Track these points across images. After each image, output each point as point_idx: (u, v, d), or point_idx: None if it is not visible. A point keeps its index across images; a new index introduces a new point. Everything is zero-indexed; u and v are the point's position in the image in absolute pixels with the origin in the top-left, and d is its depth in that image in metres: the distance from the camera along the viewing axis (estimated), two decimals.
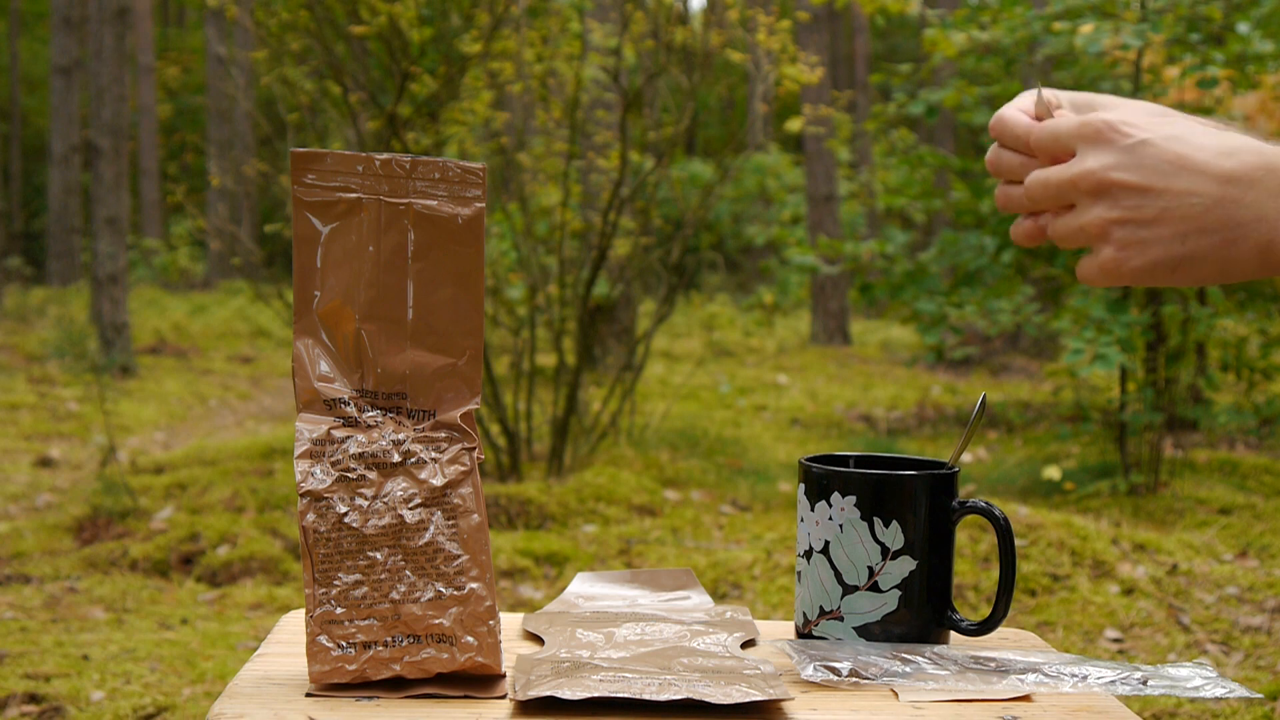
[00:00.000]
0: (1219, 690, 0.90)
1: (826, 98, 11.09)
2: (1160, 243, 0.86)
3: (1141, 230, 0.86)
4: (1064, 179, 0.89)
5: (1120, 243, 0.87)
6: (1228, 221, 0.84)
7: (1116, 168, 0.86)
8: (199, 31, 24.59)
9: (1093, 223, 0.87)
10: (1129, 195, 0.86)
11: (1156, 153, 0.86)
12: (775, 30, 5.86)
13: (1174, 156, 0.86)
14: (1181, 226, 0.85)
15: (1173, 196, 0.85)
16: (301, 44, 5.48)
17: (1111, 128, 0.87)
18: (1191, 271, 0.86)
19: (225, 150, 16.43)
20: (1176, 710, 2.96)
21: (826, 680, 0.93)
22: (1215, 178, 0.85)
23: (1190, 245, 0.85)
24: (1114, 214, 0.87)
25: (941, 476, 1.03)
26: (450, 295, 0.94)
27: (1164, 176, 0.86)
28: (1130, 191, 0.86)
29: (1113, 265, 0.88)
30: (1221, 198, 0.84)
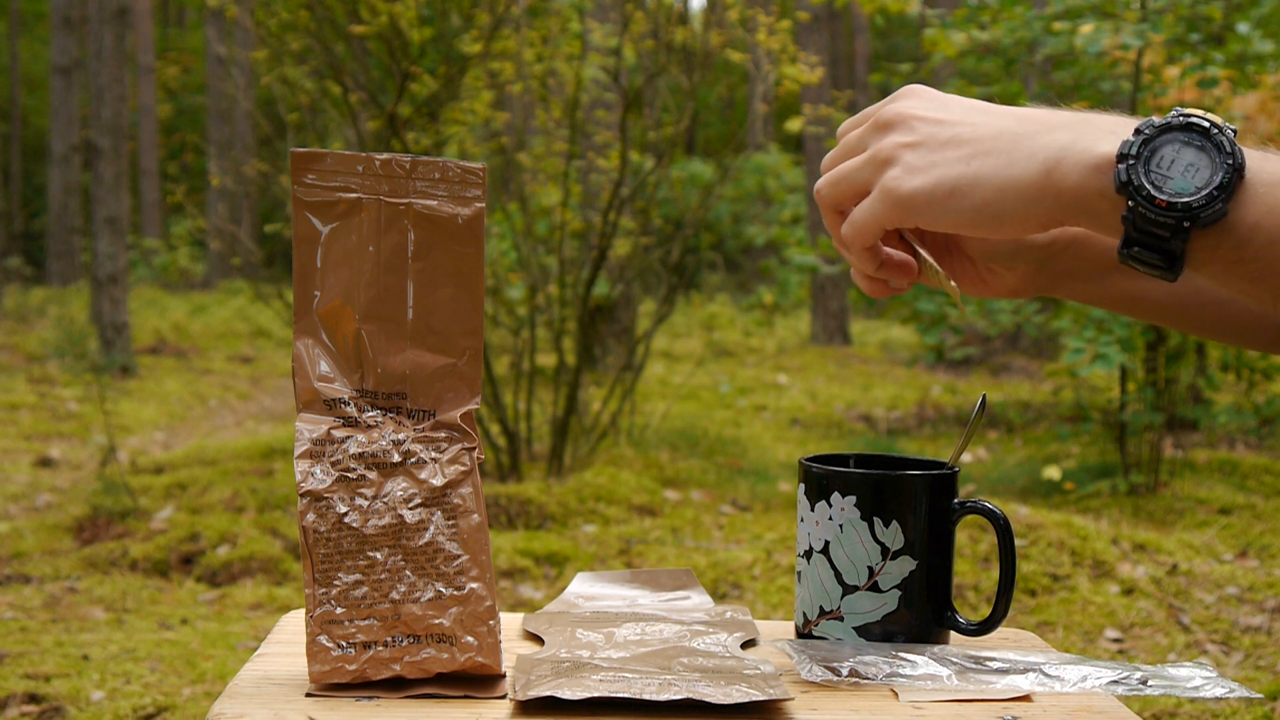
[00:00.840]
0: (1219, 690, 0.90)
1: (826, 98, 11.09)
2: (945, 164, 0.84)
3: (931, 153, 0.85)
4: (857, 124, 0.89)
5: (907, 165, 0.86)
6: (1015, 144, 0.83)
7: (918, 105, 0.87)
8: (199, 31, 24.59)
9: (883, 149, 0.86)
10: (926, 124, 0.86)
11: (955, 99, 0.87)
12: (775, 30, 5.86)
13: (970, 102, 0.87)
14: (969, 148, 0.84)
15: (966, 125, 0.85)
16: (301, 44, 5.48)
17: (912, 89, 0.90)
18: (970, 193, 0.83)
19: (225, 150, 16.43)
20: (1176, 710, 2.96)
21: (826, 680, 0.93)
22: (1008, 115, 0.85)
23: (974, 166, 0.84)
24: (906, 139, 0.86)
25: (941, 476, 1.03)
26: (450, 295, 0.95)
27: (961, 112, 0.86)
28: (927, 121, 0.86)
29: (892, 184, 0.86)
30: (1015, 125, 0.84)
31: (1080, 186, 0.81)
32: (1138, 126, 0.80)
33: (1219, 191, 0.78)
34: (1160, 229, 0.79)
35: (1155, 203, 0.78)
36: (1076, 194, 0.81)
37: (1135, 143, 0.79)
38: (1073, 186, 0.81)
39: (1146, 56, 5.44)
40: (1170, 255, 0.79)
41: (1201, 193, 0.78)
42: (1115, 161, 0.79)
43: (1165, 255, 0.80)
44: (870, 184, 0.87)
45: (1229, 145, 0.79)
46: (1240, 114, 5.85)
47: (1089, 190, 0.80)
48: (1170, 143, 0.79)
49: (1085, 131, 0.82)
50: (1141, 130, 0.80)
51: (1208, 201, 0.78)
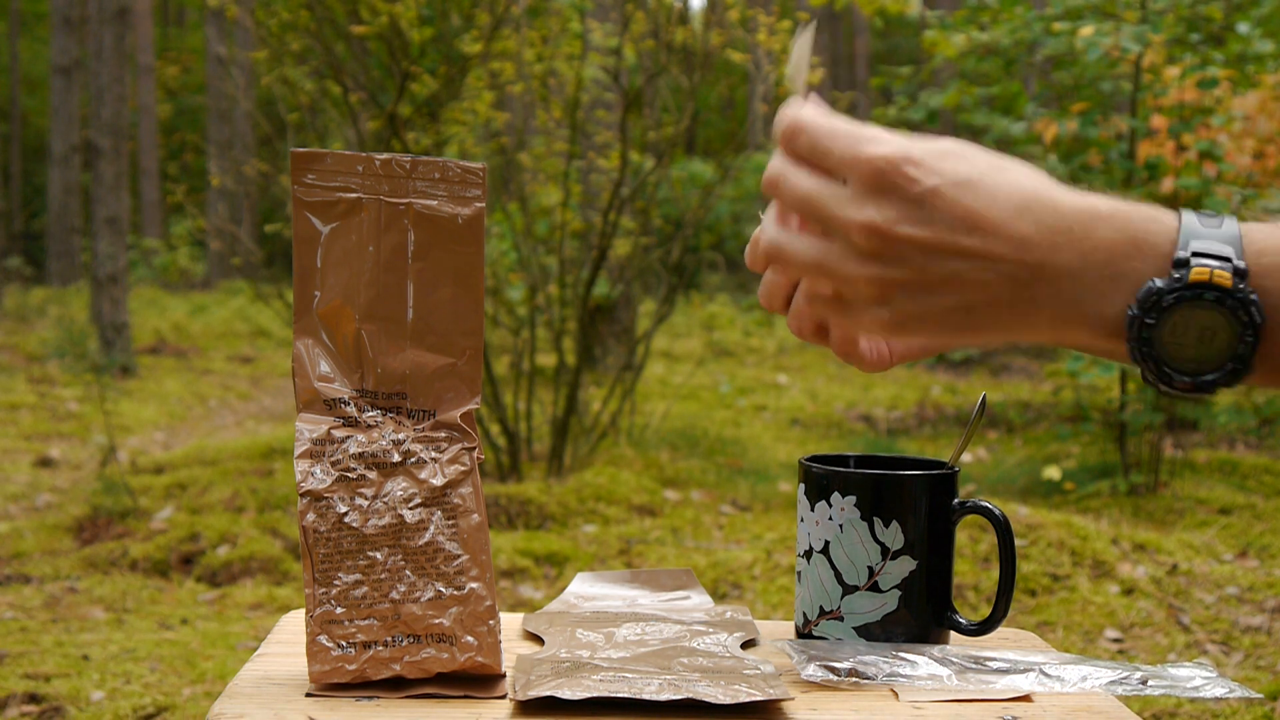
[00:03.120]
0: (1219, 690, 0.90)
1: (827, 98, 11.10)
2: (943, 312, 0.75)
3: (927, 297, 0.74)
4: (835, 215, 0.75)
5: (899, 308, 0.75)
6: (1019, 295, 0.74)
7: (902, 221, 0.73)
8: (199, 31, 24.59)
9: (866, 280, 0.74)
10: (916, 253, 0.73)
11: (945, 204, 0.73)
12: (775, 30, 5.86)
13: (963, 212, 0.73)
14: (969, 295, 0.74)
15: (963, 259, 0.73)
16: (302, 44, 5.49)
17: (896, 169, 0.74)
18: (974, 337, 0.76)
19: (225, 150, 16.43)
20: (1176, 710, 2.96)
21: (826, 680, 0.93)
22: (1010, 240, 0.73)
23: (976, 318, 0.75)
24: (898, 274, 0.74)
25: (941, 476, 1.03)
26: (450, 295, 0.95)
27: (954, 233, 0.73)
28: (917, 248, 0.73)
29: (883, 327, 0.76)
30: (1015, 266, 0.73)
31: (1090, 346, 0.77)
32: (1140, 297, 0.72)
33: (1239, 364, 0.73)
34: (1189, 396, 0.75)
35: (1175, 385, 0.74)
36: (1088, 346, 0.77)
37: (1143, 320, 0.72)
38: (1083, 345, 0.77)
39: (1146, 56, 5.44)
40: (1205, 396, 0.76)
41: (1225, 368, 0.73)
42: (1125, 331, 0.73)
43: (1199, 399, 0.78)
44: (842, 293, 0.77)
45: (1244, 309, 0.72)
46: (1240, 114, 5.85)
47: (1100, 349, 0.77)
48: (1179, 309, 0.72)
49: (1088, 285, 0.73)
50: (1146, 308, 0.72)
51: (1230, 376, 0.74)
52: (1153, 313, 0.72)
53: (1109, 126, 5.53)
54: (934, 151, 0.75)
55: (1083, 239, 0.74)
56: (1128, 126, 5.44)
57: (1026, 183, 0.76)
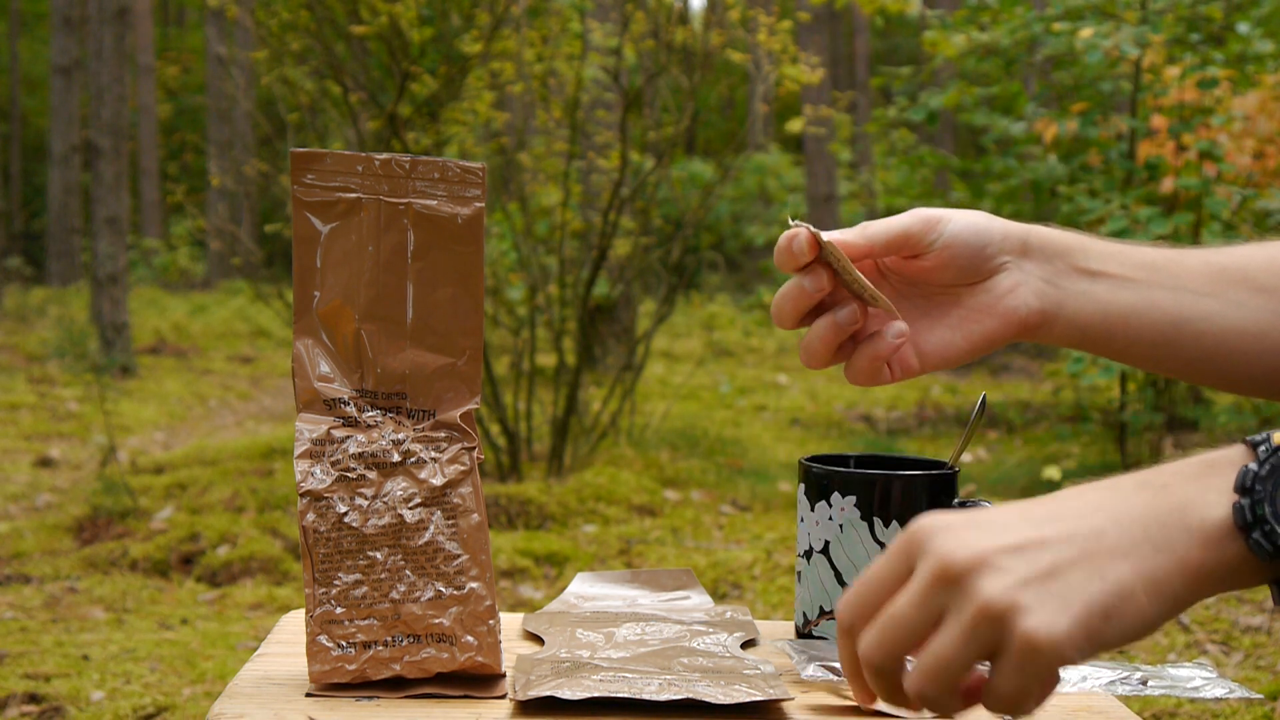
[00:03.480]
0: (1219, 690, 0.90)
1: (827, 98, 11.10)
2: (1076, 588, 0.64)
3: (1051, 582, 0.65)
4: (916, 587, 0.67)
5: (1035, 607, 0.64)
6: (1143, 527, 0.66)
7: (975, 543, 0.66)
8: (199, 31, 24.60)
9: (994, 600, 0.64)
10: (1009, 559, 0.65)
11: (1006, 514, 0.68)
12: (776, 30, 5.86)
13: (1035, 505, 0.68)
14: (1091, 558, 0.65)
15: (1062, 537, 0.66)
16: (301, 44, 5.49)
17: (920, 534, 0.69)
18: (1125, 613, 0.65)
19: (225, 150, 16.43)
20: (1176, 710, 2.96)
21: (826, 680, 0.93)
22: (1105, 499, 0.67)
23: (1111, 577, 0.65)
24: (1010, 579, 0.65)
25: (941, 476, 1.03)
26: (450, 295, 0.95)
27: (1039, 525, 0.67)
28: (1010, 553, 0.66)
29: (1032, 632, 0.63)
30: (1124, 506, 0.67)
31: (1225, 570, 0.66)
32: (1236, 482, 0.66)
33: None
34: None
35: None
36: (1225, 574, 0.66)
37: (1246, 504, 0.65)
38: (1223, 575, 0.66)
39: (1147, 56, 5.44)
40: None
41: None
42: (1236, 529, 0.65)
43: None
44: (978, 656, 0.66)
45: None
46: (1240, 114, 5.86)
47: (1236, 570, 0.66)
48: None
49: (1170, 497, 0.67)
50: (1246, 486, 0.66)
51: None
52: (1257, 485, 0.66)
53: (1109, 126, 5.54)
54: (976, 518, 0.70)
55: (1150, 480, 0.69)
56: (1128, 126, 5.45)
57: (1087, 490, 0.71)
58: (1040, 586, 0.64)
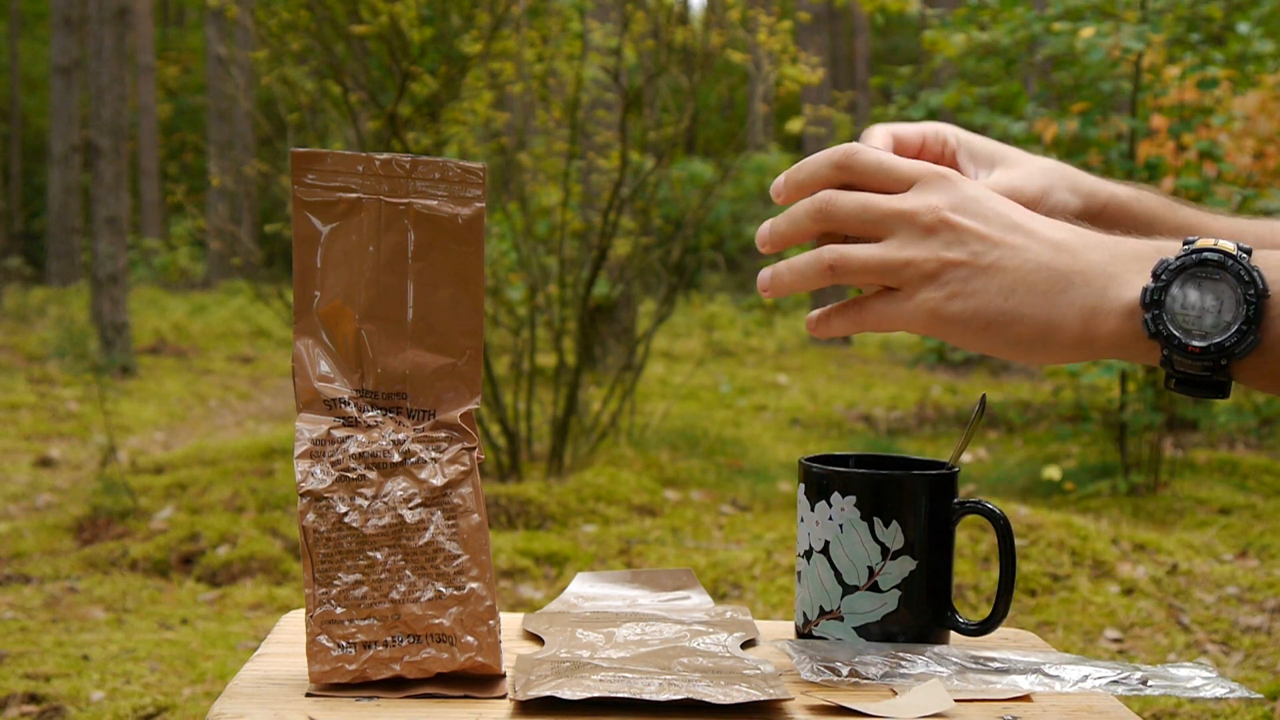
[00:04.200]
0: (1219, 690, 0.90)
1: (827, 98, 11.09)
2: (986, 293, 0.83)
3: (974, 277, 0.83)
4: (896, 206, 0.85)
5: (949, 285, 0.84)
6: (1054, 282, 0.82)
7: (959, 210, 0.85)
8: (199, 31, 24.60)
9: (927, 259, 0.84)
10: (970, 239, 0.84)
11: (995, 206, 0.85)
12: (776, 30, 5.85)
13: (1008, 215, 0.85)
14: (1010, 279, 0.83)
15: (1007, 249, 0.83)
16: (302, 44, 5.48)
17: (950, 175, 0.86)
18: (1006, 330, 0.83)
19: (225, 150, 16.43)
20: (1176, 710, 2.96)
21: (826, 680, 0.93)
22: (1045, 241, 0.84)
23: (1014, 301, 0.83)
24: (952, 254, 0.84)
25: (941, 476, 1.03)
26: (450, 295, 0.95)
27: (1001, 229, 0.84)
28: (971, 236, 0.84)
29: (934, 305, 0.84)
30: (1051, 259, 0.83)
31: (1115, 334, 0.82)
32: (1154, 268, 0.81)
33: (1247, 326, 0.79)
34: (1199, 370, 0.81)
35: (1188, 350, 0.80)
36: (1112, 340, 0.83)
37: (1154, 288, 0.80)
38: (1108, 334, 0.82)
39: (1146, 56, 5.44)
40: (1215, 386, 0.82)
41: (1231, 330, 0.80)
42: (1141, 309, 0.81)
43: (1209, 387, 0.82)
44: (895, 278, 0.86)
45: (1246, 272, 0.80)
46: (1240, 114, 5.85)
47: (1123, 336, 0.82)
48: (1188, 282, 0.81)
49: (1115, 274, 0.82)
50: (1159, 274, 0.81)
51: (1239, 337, 0.80)
52: (1163, 276, 0.81)
53: (1109, 126, 5.53)
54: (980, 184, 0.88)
55: (1111, 245, 0.84)
56: (1128, 126, 5.44)
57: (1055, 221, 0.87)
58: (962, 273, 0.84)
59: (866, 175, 0.88)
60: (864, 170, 0.88)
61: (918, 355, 9.00)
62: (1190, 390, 0.83)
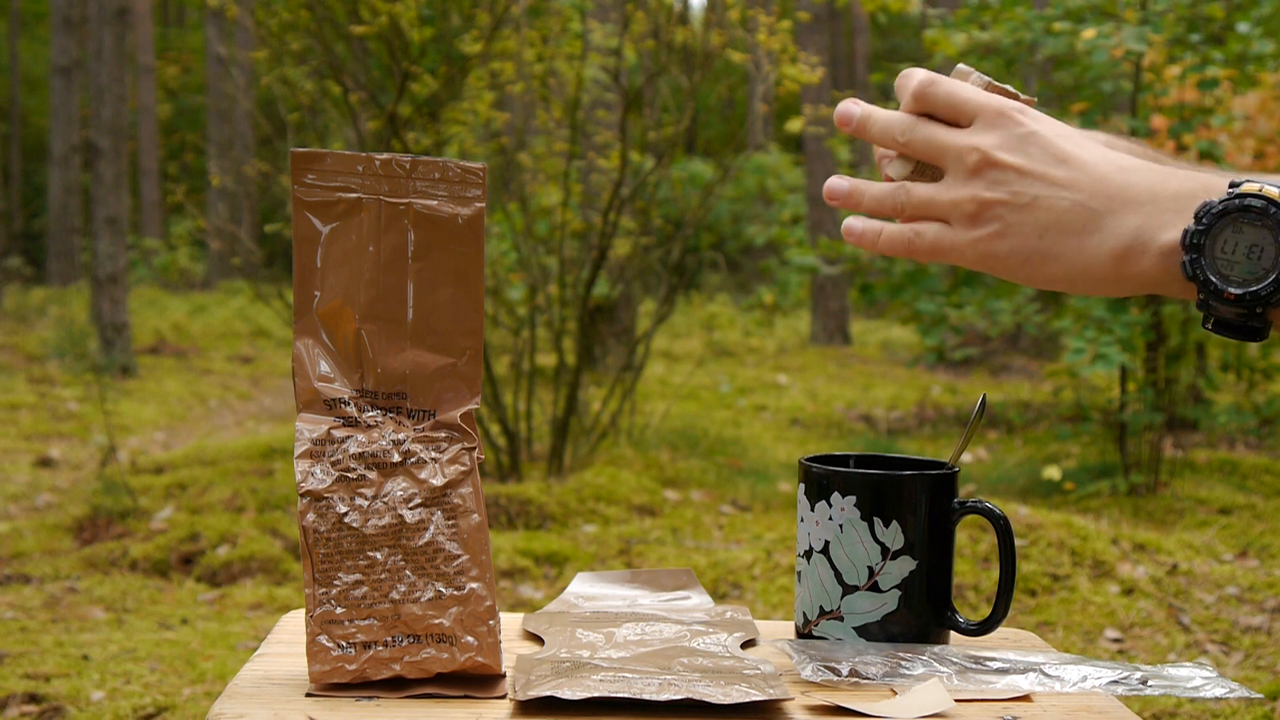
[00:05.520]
0: (1219, 690, 0.90)
1: (827, 98, 11.09)
2: (1023, 231, 0.85)
3: (1012, 214, 0.86)
4: (952, 143, 0.88)
5: (991, 225, 0.86)
6: (1088, 222, 0.84)
7: (1003, 148, 0.86)
8: (199, 31, 24.60)
9: (968, 199, 0.87)
10: (1009, 177, 0.86)
11: (1043, 143, 0.86)
12: (776, 30, 5.85)
13: (1057, 149, 0.86)
14: (1045, 217, 0.85)
15: (1045, 185, 0.85)
16: (302, 44, 5.48)
17: (1012, 112, 0.87)
18: (1041, 268, 0.86)
19: (225, 150, 16.43)
20: (1176, 710, 2.96)
21: (826, 680, 0.93)
22: (1090, 174, 0.84)
23: (1047, 241, 0.85)
24: (992, 194, 0.86)
25: (941, 476, 1.03)
26: (450, 295, 0.95)
27: (1044, 164, 0.85)
28: (1010, 173, 0.86)
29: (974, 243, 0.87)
30: (1090, 196, 0.84)
31: (1150, 273, 0.83)
32: (1196, 210, 0.81)
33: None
34: (1235, 316, 0.82)
35: (1224, 296, 0.81)
36: (1148, 279, 0.84)
37: (1195, 231, 0.81)
38: (1143, 273, 0.83)
39: (1147, 56, 5.44)
40: (1251, 330, 0.83)
41: (1270, 278, 0.81)
42: (1180, 251, 0.81)
43: (1245, 331, 0.83)
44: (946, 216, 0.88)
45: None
46: (1240, 114, 5.85)
47: (1159, 276, 0.83)
48: (1230, 226, 0.81)
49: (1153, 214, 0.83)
50: (1200, 216, 0.81)
51: (1276, 287, 0.81)
52: (1204, 219, 0.80)
53: (1109, 126, 5.53)
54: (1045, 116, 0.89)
55: (1156, 181, 0.84)
56: (1128, 126, 5.44)
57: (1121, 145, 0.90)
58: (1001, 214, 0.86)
59: (937, 107, 0.90)
60: (934, 101, 0.90)
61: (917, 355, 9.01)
62: (1226, 332, 0.84)
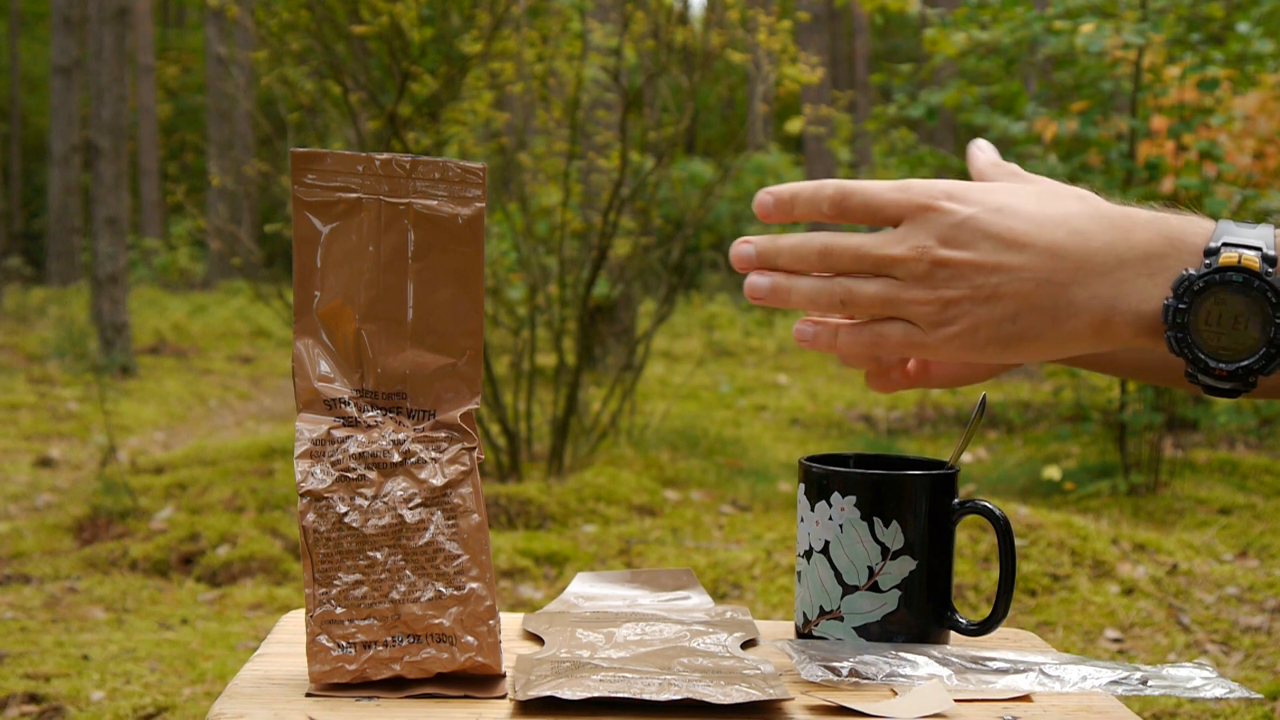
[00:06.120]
0: (1219, 690, 0.90)
1: (827, 98, 11.10)
2: (994, 320, 0.82)
3: (978, 308, 0.82)
4: (889, 254, 0.84)
5: (958, 321, 0.83)
6: (1058, 298, 0.81)
7: (949, 242, 0.82)
8: (199, 31, 24.60)
9: (928, 300, 0.83)
10: (966, 271, 0.82)
11: (982, 227, 0.82)
12: (776, 30, 5.85)
13: (999, 232, 0.82)
14: (1013, 305, 0.82)
15: (1004, 274, 0.82)
16: (302, 44, 5.48)
17: (936, 202, 0.83)
18: (1024, 348, 0.83)
19: (225, 150, 16.43)
20: (1176, 710, 2.96)
21: (826, 680, 0.93)
22: (1043, 251, 0.81)
23: (1021, 324, 0.82)
24: (951, 292, 0.83)
25: (941, 476, 1.03)
26: (450, 295, 0.95)
27: (995, 252, 0.82)
28: (966, 268, 0.82)
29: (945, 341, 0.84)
30: (1052, 272, 0.81)
31: (1133, 338, 0.82)
32: (1174, 284, 0.79)
33: (1274, 349, 0.79)
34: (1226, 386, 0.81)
35: (1215, 373, 0.80)
36: (1130, 342, 0.82)
37: (1178, 309, 0.79)
38: (1125, 338, 0.82)
39: (1147, 56, 5.43)
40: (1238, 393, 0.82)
41: (1258, 353, 0.79)
42: (1163, 326, 0.79)
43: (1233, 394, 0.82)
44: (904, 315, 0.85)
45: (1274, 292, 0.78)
46: (1240, 114, 5.85)
47: (1142, 341, 0.82)
48: (1212, 297, 0.79)
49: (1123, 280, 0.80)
50: (1181, 293, 0.79)
51: (1266, 360, 0.79)
52: (1185, 297, 0.78)
53: (1109, 126, 5.53)
54: (977, 187, 0.85)
55: (1119, 241, 0.81)
56: (1128, 126, 5.44)
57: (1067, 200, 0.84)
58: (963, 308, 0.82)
59: (856, 216, 0.87)
60: (854, 211, 0.87)
61: None
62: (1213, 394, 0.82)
